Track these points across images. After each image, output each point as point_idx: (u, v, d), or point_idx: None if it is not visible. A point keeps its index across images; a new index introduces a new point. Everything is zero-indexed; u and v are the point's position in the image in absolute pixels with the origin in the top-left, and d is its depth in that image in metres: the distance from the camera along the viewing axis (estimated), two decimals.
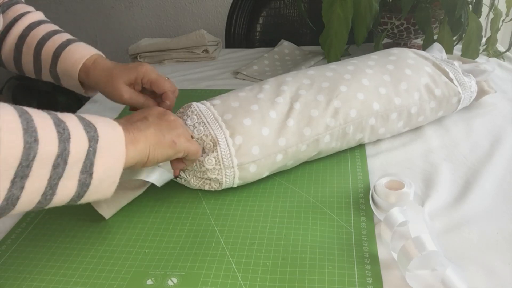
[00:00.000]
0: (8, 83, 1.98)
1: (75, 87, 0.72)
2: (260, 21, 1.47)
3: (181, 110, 0.69)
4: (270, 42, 1.32)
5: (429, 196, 0.63)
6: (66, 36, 0.71)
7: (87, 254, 0.56)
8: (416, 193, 0.64)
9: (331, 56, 1.05)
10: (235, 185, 0.65)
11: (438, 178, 0.66)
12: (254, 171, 0.64)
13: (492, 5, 1.02)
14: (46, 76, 0.72)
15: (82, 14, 1.96)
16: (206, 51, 1.22)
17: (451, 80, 0.76)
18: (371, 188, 0.63)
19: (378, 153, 0.74)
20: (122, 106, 0.97)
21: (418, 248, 0.49)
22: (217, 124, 0.64)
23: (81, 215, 0.64)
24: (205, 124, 0.64)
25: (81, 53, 0.69)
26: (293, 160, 0.67)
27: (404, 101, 0.72)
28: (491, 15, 1.02)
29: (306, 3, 1.44)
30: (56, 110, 0.55)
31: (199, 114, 0.65)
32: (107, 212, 0.61)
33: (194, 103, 0.68)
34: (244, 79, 1.09)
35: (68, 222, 0.62)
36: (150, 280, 0.52)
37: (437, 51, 0.86)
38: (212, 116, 0.65)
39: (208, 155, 0.61)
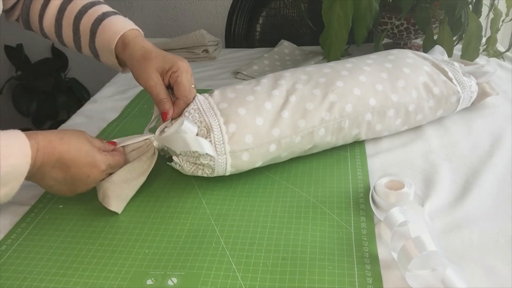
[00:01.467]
0: (8, 83, 1.99)
1: (113, 64, 0.71)
2: (260, 21, 1.47)
3: None
4: (270, 42, 1.32)
5: (429, 196, 0.63)
6: (102, 8, 0.70)
7: (87, 254, 0.56)
8: (416, 193, 0.64)
9: (331, 56, 1.05)
10: (227, 173, 0.65)
11: (438, 178, 0.66)
12: (247, 160, 0.64)
13: (492, 5, 1.02)
14: (86, 51, 0.71)
15: None
16: (206, 51, 1.22)
17: (450, 79, 0.77)
18: (371, 188, 0.63)
19: (378, 153, 0.74)
20: (122, 106, 0.97)
21: (418, 248, 0.49)
22: (212, 111, 0.65)
23: (81, 215, 0.64)
24: (200, 111, 0.65)
25: (116, 28, 0.68)
26: (287, 151, 0.68)
27: (401, 98, 0.72)
28: (491, 15, 1.02)
29: (306, 3, 1.44)
30: (56, 110, 0.56)
31: (196, 102, 0.67)
32: (116, 207, 0.62)
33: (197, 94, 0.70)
34: (244, 79, 1.09)
35: (68, 222, 0.62)
36: (150, 280, 0.52)
37: (438, 53, 0.86)
38: (208, 105, 0.66)
39: None
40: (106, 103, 1.00)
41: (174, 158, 0.65)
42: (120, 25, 0.68)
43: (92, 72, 2.06)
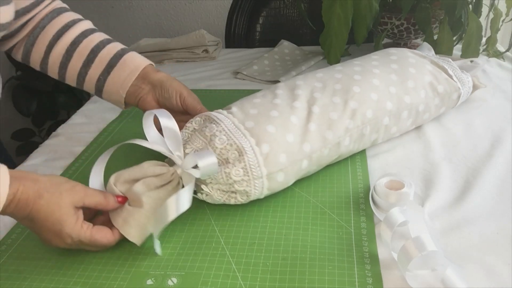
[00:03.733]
0: (8, 83, 1.98)
1: (116, 99, 0.74)
2: (260, 21, 1.47)
3: (197, 118, 0.65)
4: (270, 42, 1.32)
5: (429, 196, 0.63)
6: (119, 45, 0.74)
7: (87, 254, 0.56)
8: (416, 193, 0.64)
9: (331, 56, 1.05)
10: (262, 196, 0.61)
11: (438, 178, 0.66)
12: (282, 180, 0.61)
13: (492, 5, 1.02)
14: (89, 85, 0.73)
15: (82, 14, 1.95)
16: (206, 51, 1.22)
17: (451, 76, 0.78)
18: (371, 188, 0.63)
19: (378, 153, 0.74)
20: None
21: (418, 248, 0.48)
22: (239, 132, 0.60)
23: None
24: (226, 132, 0.60)
25: (136, 63, 0.72)
26: (316, 165, 0.65)
27: (414, 99, 0.72)
28: (491, 15, 1.02)
29: (306, 3, 1.44)
30: (56, 110, 0.55)
31: (218, 123, 0.62)
32: (137, 237, 0.55)
33: (211, 113, 0.65)
34: (244, 79, 1.09)
35: None
36: (150, 280, 0.52)
37: (426, 50, 0.88)
38: (232, 125, 0.61)
39: (235, 166, 0.57)
40: (106, 103, 0.99)
41: (203, 187, 0.59)
42: (138, 61, 0.73)
43: None
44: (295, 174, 0.63)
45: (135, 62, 0.72)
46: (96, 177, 0.60)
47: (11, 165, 0.78)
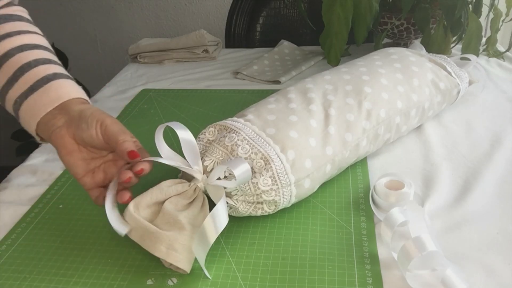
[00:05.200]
0: None
1: (30, 130, 0.59)
2: (260, 21, 1.47)
3: (210, 129, 0.62)
4: (270, 42, 1.32)
5: (429, 196, 0.63)
6: (58, 69, 0.61)
7: (87, 254, 0.56)
8: (416, 193, 0.64)
9: (331, 56, 1.05)
10: (289, 205, 0.60)
11: (438, 178, 0.66)
12: (308, 187, 0.60)
13: (492, 5, 1.02)
14: (9, 106, 0.60)
15: (82, 14, 1.96)
16: (206, 51, 1.22)
17: (450, 73, 0.79)
18: (371, 188, 0.63)
19: (378, 153, 0.74)
20: (122, 106, 0.97)
21: (418, 248, 0.49)
22: (262, 140, 0.58)
23: (81, 215, 0.64)
24: (249, 141, 0.58)
25: (62, 91, 0.58)
26: (338, 169, 0.65)
27: (420, 97, 0.73)
28: (491, 15, 1.02)
29: (306, 3, 1.44)
30: None
31: (237, 132, 0.59)
32: (186, 264, 0.51)
33: (226, 122, 0.62)
34: (244, 79, 1.09)
35: (68, 222, 0.62)
36: (150, 280, 0.52)
37: (418, 48, 0.89)
38: (253, 132, 0.59)
39: (262, 175, 0.55)
40: (106, 103, 1.00)
41: (227, 200, 0.56)
42: (66, 90, 0.59)
43: (92, 72, 2.06)
44: (320, 179, 0.62)
45: (62, 90, 0.58)
46: (111, 207, 0.54)
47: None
